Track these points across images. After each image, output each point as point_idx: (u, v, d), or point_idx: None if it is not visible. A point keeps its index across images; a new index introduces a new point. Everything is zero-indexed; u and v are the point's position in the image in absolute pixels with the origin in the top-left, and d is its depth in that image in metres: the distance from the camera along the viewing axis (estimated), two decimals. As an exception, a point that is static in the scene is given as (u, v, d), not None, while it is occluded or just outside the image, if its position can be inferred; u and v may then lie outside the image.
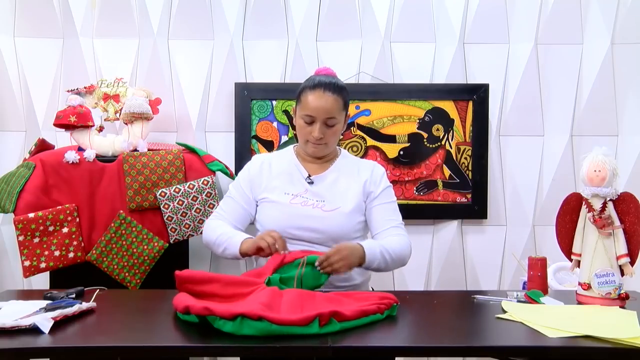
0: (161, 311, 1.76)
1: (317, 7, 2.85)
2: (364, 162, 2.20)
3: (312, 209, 2.02)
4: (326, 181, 2.08)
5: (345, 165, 2.14)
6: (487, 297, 1.91)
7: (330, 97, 2.00)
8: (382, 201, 2.09)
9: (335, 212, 2.02)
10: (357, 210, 2.06)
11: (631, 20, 2.82)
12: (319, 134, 2.01)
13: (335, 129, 2.04)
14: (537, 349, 1.52)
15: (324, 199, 2.04)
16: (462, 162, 2.86)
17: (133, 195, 2.50)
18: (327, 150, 2.09)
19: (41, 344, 1.47)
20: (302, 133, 2.06)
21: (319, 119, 2.01)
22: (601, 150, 1.87)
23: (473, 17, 2.85)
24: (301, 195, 2.05)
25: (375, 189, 2.09)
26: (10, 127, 2.86)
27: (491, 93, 2.85)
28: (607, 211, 1.83)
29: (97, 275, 2.46)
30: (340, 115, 2.04)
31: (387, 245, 1.99)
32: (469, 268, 2.93)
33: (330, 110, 2.00)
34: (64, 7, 2.81)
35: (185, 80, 2.86)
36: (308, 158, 2.13)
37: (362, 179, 2.09)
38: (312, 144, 2.04)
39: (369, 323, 1.62)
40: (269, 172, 2.11)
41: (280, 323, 1.51)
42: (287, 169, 2.11)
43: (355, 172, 2.12)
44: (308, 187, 2.06)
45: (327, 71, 2.13)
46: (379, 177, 2.12)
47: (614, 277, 1.82)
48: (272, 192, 2.07)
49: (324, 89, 2.01)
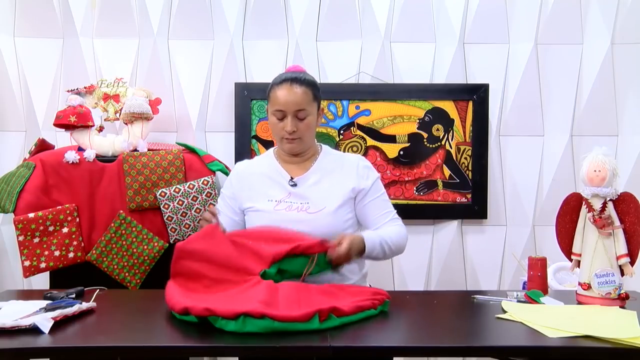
0: (161, 311, 1.76)
1: (317, 7, 2.86)
2: (347, 156, 2.15)
3: (297, 213, 1.98)
4: (309, 182, 2.04)
5: (328, 163, 2.09)
6: (487, 297, 1.92)
7: (298, 89, 1.98)
8: (373, 196, 2.05)
9: (320, 213, 1.98)
10: (343, 207, 2.01)
11: (631, 20, 2.82)
12: (291, 127, 1.97)
13: (308, 122, 2.00)
14: (537, 349, 1.52)
15: (308, 200, 2.00)
16: (462, 162, 2.86)
17: (133, 195, 2.50)
18: (303, 145, 2.04)
19: (41, 344, 1.47)
20: (275, 130, 2.03)
21: (289, 112, 1.97)
22: (601, 150, 1.87)
23: (473, 17, 2.85)
24: (284, 200, 2.01)
25: (366, 185, 2.04)
26: (10, 127, 2.86)
27: (491, 93, 2.85)
28: (607, 211, 1.84)
29: (97, 275, 2.47)
30: (310, 107, 2.00)
31: (386, 235, 1.98)
32: (469, 268, 2.93)
33: (300, 102, 1.97)
34: (64, 7, 2.82)
35: (185, 80, 2.87)
36: (288, 159, 2.08)
37: (347, 177, 2.05)
38: (287, 140, 2.01)
39: (366, 320, 1.66)
40: (250, 180, 2.08)
41: (282, 320, 1.53)
42: (268, 173, 2.08)
43: (338, 168, 2.07)
44: (291, 190, 2.02)
45: (296, 68, 2.11)
46: (366, 171, 2.07)
47: (614, 277, 1.82)
48: (257, 200, 2.03)
49: (291, 82, 1.99)
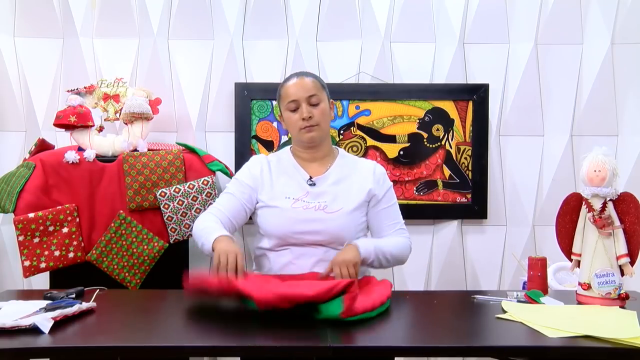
0: (161, 311, 1.76)
1: (317, 7, 2.85)
2: (363, 161, 2.20)
3: (314, 212, 2.01)
4: (328, 182, 2.07)
5: (345, 164, 2.14)
6: (487, 297, 1.91)
7: (306, 79, 2.07)
8: (385, 205, 2.10)
9: (338, 213, 2.01)
10: (359, 210, 2.06)
11: (631, 20, 2.82)
12: (307, 113, 2.02)
13: (322, 108, 2.06)
14: (537, 349, 1.52)
15: (326, 200, 2.03)
16: (462, 162, 2.86)
17: (133, 195, 2.50)
18: (321, 132, 2.07)
19: (41, 344, 1.47)
20: (292, 124, 2.07)
21: (302, 100, 2.04)
22: (601, 150, 1.87)
23: (473, 17, 2.85)
24: (302, 199, 2.03)
25: (379, 192, 2.09)
26: (10, 127, 2.86)
27: (491, 93, 2.85)
28: (607, 211, 1.83)
29: (97, 275, 2.46)
30: (321, 93, 2.07)
31: (383, 245, 2.00)
32: (469, 268, 2.93)
33: (310, 88, 2.05)
34: (64, 7, 2.81)
35: (185, 80, 2.87)
36: (306, 156, 2.12)
37: (364, 180, 2.09)
38: (306, 129, 2.04)
39: (366, 320, 1.66)
40: (269, 174, 2.10)
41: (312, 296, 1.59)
42: (287, 171, 2.11)
43: (356, 171, 2.12)
44: (309, 190, 2.05)
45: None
46: (381, 178, 2.12)
47: (614, 277, 1.82)
48: (273, 196, 2.05)
49: (298, 75, 2.10)
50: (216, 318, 1.71)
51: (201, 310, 1.78)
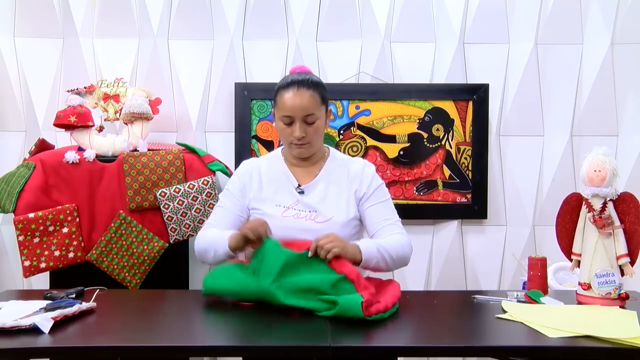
0: (161, 311, 1.76)
1: (317, 7, 2.85)
2: (353, 162, 2.11)
3: (305, 222, 1.97)
4: (316, 190, 2.02)
5: (335, 168, 2.07)
6: (487, 297, 1.91)
7: (305, 93, 1.95)
8: (375, 201, 2.03)
9: (328, 223, 1.96)
10: (350, 216, 2.00)
11: (631, 20, 2.82)
12: (300, 133, 1.95)
13: (317, 126, 1.98)
14: (537, 349, 1.52)
15: (316, 209, 1.98)
16: (462, 162, 2.86)
17: (133, 195, 2.50)
18: (312, 149, 2.02)
19: (41, 344, 1.47)
20: (283, 135, 2.01)
21: (297, 118, 1.94)
22: (601, 150, 1.87)
23: (473, 17, 2.85)
24: (293, 207, 1.99)
25: (367, 190, 2.03)
26: (10, 127, 2.86)
27: (491, 93, 2.85)
28: (607, 211, 1.83)
29: (97, 275, 2.47)
30: (319, 110, 1.97)
31: (385, 243, 1.92)
32: (469, 268, 2.93)
33: (308, 107, 1.94)
34: (64, 7, 2.82)
35: (185, 80, 2.87)
36: (295, 162, 2.07)
37: (352, 184, 2.04)
38: (296, 145, 1.98)
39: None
40: (259, 180, 2.05)
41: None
42: (276, 176, 2.06)
43: (345, 175, 2.05)
44: (299, 198, 2.01)
45: (302, 69, 2.07)
46: (368, 177, 2.05)
47: (614, 277, 1.82)
48: (264, 203, 2.02)
49: (298, 86, 1.95)
50: (216, 318, 1.72)
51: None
